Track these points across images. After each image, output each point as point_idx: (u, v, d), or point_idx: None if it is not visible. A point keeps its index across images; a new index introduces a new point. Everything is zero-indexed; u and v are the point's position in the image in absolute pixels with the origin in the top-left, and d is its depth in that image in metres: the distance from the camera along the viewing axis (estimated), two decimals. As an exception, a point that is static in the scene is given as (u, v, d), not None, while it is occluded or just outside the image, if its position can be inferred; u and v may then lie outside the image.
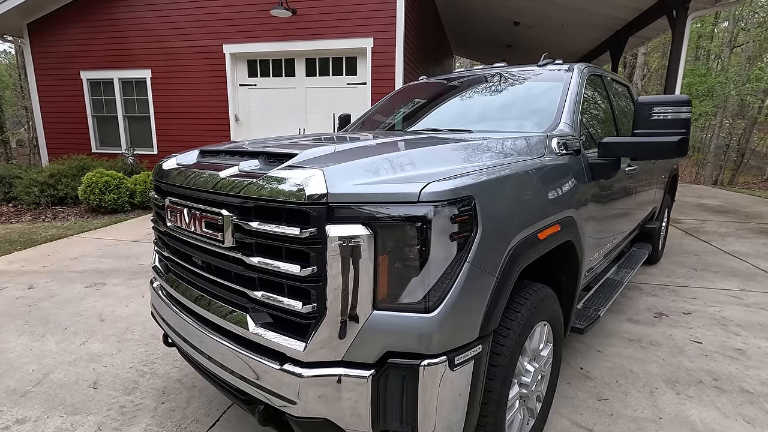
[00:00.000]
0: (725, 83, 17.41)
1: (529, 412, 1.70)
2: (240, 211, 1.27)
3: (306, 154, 1.30)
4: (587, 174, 1.94)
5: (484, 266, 1.20)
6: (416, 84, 3.17)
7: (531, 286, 1.59)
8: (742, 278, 3.91)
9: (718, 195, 9.16)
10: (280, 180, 1.18)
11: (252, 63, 7.88)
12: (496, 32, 11.41)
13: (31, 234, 5.44)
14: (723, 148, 20.05)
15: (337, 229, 1.10)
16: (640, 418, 2.00)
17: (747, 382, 2.29)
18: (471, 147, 1.52)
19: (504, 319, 1.41)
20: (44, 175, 6.95)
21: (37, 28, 8.59)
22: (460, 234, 1.15)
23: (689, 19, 6.35)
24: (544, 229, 1.48)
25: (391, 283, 1.13)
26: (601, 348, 2.65)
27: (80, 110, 8.75)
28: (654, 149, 1.89)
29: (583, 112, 2.29)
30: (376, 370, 1.15)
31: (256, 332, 1.26)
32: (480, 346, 1.22)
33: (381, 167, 1.24)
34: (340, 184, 1.13)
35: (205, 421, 1.96)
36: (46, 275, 3.92)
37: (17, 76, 22.46)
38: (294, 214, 1.15)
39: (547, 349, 1.75)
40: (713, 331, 2.88)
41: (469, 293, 1.17)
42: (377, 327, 1.14)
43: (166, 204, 1.58)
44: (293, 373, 1.17)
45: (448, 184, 1.14)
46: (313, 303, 1.15)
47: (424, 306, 1.12)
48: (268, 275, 1.24)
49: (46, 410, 2.03)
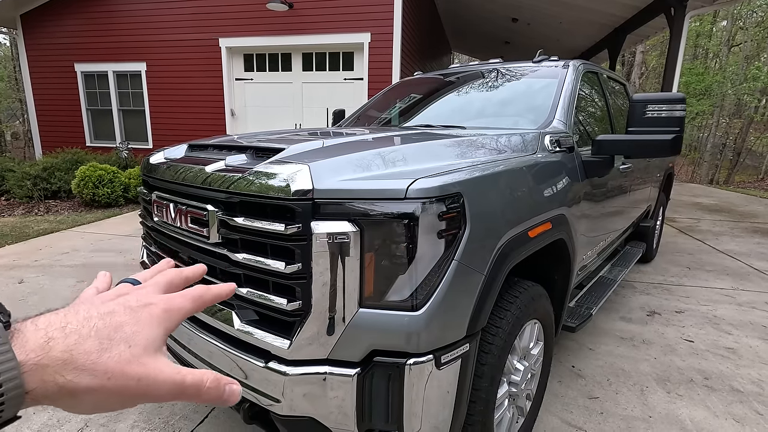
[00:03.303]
0: (722, 82, 17.43)
1: (519, 410, 1.69)
2: (225, 207, 1.25)
3: (293, 149, 1.28)
4: (581, 172, 1.93)
5: (472, 264, 1.19)
6: (411, 80, 3.15)
7: (521, 284, 1.57)
8: (736, 277, 3.91)
9: (713, 194, 9.18)
10: (265, 175, 1.16)
11: (248, 57, 7.82)
12: (494, 29, 11.36)
13: (23, 228, 5.39)
14: (719, 147, 20.11)
15: (322, 225, 1.08)
16: (631, 416, 2.00)
17: (737, 381, 2.29)
18: (461, 143, 1.50)
19: (493, 317, 1.40)
20: (37, 169, 6.89)
21: (31, 19, 8.48)
22: (448, 231, 1.13)
23: (687, 18, 6.33)
24: (535, 227, 1.46)
25: (377, 280, 1.11)
26: (593, 346, 2.65)
27: (74, 103, 8.67)
28: (648, 147, 1.87)
29: (578, 110, 2.27)
30: (362, 369, 1.13)
31: (241, 329, 1.25)
32: (467, 344, 1.21)
33: (369, 163, 1.22)
34: (326, 179, 1.11)
35: (193, 418, 1.95)
36: (37, 269, 3.88)
37: (12, 68, 22.25)
38: (279, 209, 1.13)
39: (537, 348, 1.74)
40: (705, 329, 2.88)
41: (457, 291, 1.16)
42: (363, 325, 1.12)
43: (153, 199, 1.56)
44: (278, 371, 1.15)
45: (436, 181, 1.12)
46: (299, 300, 1.14)
47: (411, 304, 1.11)
48: (253, 272, 1.22)
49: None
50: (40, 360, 0.33)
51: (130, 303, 0.39)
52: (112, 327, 0.36)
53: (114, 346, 0.35)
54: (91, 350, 0.34)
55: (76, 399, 0.34)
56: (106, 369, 0.34)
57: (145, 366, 0.36)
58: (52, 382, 0.33)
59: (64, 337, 0.34)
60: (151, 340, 0.38)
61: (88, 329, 0.35)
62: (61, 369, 0.33)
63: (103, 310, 0.37)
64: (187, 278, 0.49)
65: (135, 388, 0.35)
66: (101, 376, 0.34)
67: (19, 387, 0.31)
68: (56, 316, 0.36)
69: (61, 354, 0.33)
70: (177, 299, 0.42)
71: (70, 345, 0.34)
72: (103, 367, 0.34)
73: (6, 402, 0.31)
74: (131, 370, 0.35)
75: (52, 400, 0.34)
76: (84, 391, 0.34)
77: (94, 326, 0.36)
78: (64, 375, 0.33)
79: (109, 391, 0.35)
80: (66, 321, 0.35)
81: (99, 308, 0.38)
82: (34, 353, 0.33)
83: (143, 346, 0.37)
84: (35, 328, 0.34)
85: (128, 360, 0.35)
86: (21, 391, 0.32)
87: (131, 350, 0.36)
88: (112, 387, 0.35)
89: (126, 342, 0.36)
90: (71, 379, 0.33)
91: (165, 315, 0.40)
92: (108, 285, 0.46)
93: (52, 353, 0.33)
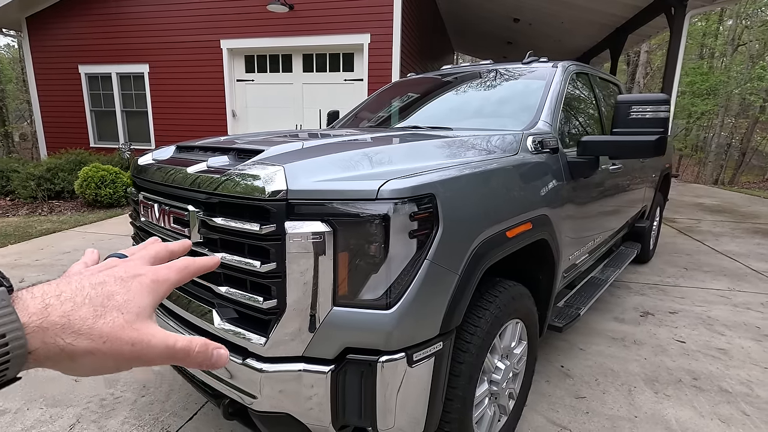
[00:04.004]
0: (727, 82, 17.29)
1: (501, 409, 1.71)
2: (206, 207, 1.28)
3: (272, 150, 1.31)
4: (565, 172, 1.94)
5: (445, 264, 1.21)
6: (404, 81, 3.17)
7: (502, 284, 1.59)
8: (733, 278, 3.90)
9: (716, 194, 9.12)
10: (242, 176, 1.18)
11: (249, 58, 7.88)
12: (495, 29, 11.36)
13: (26, 228, 5.47)
14: (724, 148, 19.94)
15: (296, 225, 1.11)
16: (616, 416, 2.00)
17: (726, 381, 2.29)
18: (440, 145, 1.52)
19: (471, 316, 1.42)
20: (41, 169, 6.97)
21: (36, 21, 8.60)
22: (420, 231, 1.15)
23: (687, 17, 6.31)
24: (514, 228, 1.48)
25: (350, 279, 1.13)
26: (584, 346, 2.66)
27: (78, 105, 8.77)
28: (632, 148, 1.88)
29: (566, 111, 2.28)
30: (336, 366, 1.15)
31: (220, 327, 1.27)
32: (441, 343, 1.23)
33: (345, 164, 1.24)
34: (300, 180, 1.14)
35: (182, 415, 1.98)
36: (37, 269, 3.94)
37: (20, 70, 22.50)
38: (255, 210, 1.16)
39: (520, 347, 1.76)
40: (698, 330, 2.88)
41: (429, 291, 1.18)
42: (337, 323, 1.14)
43: (140, 199, 1.59)
44: (254, 367, 1.18)
45: (409, 182, 1.14)
46: (274, 299, 1.16)
47: (383, 303, 1.13)
48: (232, 271, 1.24)
49: (27, 402, 2.05)
50: (41, 323, 0.35)
51: (120, 274, 0.41)
52: (104, 295, 0.38)
53: (107, 312, 0.37)
54: (87, 316, 0.36)
55: (75, 362, 0.36)
56: (101, 333, 0.36)
57: (138, 331, 0.38)
58: (53, 344, 0.35)
59: (60, 303, 0.36)
60: (143, 308, 0.40)
61: (82, 297, 0.37)
62: (60, 332, 0.35)
63: (95, 281, 0.39)
64: (172, 252, 0.50)
65: (129, 351, 0.38)
66: (97, 340, 0.36)
67: (23, 347, 0.33)
68: (50, 286, 0.38)
69: (59, 319, 0.35)
70: (163, 270, 0.44)
71: (67, 311, 0.36)
72: (98, 332, 0.36)
73: (11, 360, 0.33)
74: (125, 334, 0.37)
75: (54, 362, 0.36)
76: (82, 353, 0.36)
77: (87, 295, 0.38)
78: (63, 338, 0.35)
79: (105, 355, 0.37)
80: (60, 290, 0.37)
81: (90, 279, 0.40)
82: (36, 316, 0.35)
83: (135, 313, 0.39)
84: (32, 296, 0.36)
85: (122, 326, 0.37)
86: (24, 351, 0.34)
87: (124, 317, 0.38)
88: (107, 350, 0.37)
89: (118, 309, 0.38)
90: (70, 342, 0.35)
91: (153, 285, 0.42)
92: (96, 260, 0.48)
93: (51, 318, 0.35)
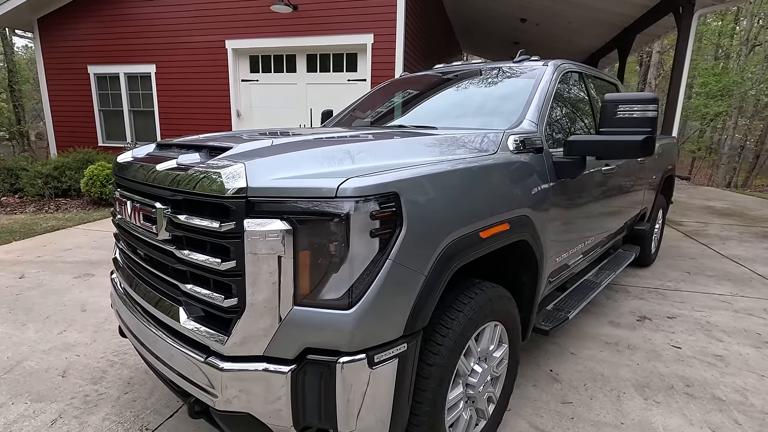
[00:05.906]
0: (741, 83, 16.93)
1: (479, 413, 1.67)
2: (172, 204, 1.28)
3: (240, 147, 1.30)
4: (550, 173, 1.90)
5: (409, 264, 1.18)
6: (397, 80, 3.15)
7: (480, 285, 1.56)
8: (737, 283, 3.80)
9: (727, 197, 8.92)
10: (205, 173, 1.17)
11: (254, 58, 7.92)
12: (501, 29, 11.27)
13: (32, 225, 5.56)
14: (738, 150, 19.52)
15: (255, 223, 1.10)
16: (602, 422, 1.96)
17: (720, 389, 2.22)
18: (414, 143, 1.49)
19: (442, 317, 1.40)
20: (49, 168, 7.09)
21: (47, 23, 8.75)
22: (382, 231, 1.13)
23: (695, 16, 6.18)
24: (488, 228, 1.45)
25: (310, 279, 1.11)
26: (575, 350, 2.60)
27: (87, 104, 8.90)
28: (619, 148, 1.84)
29: (557, 110, 2.24)
30: (296, 367, 1.14)
31: (185, 325, 1.27)
32: (405, 344, 1.20)
33: (309, 161, 1.22)
34: (261, 177, 1.12)
35: (163, 412, 1.98)
36: (38, 265, 4.00)
37: (36, 70, 22.95)
38: (216, 207, 1.15)
39: (500, 350, 1.72)
40: (695, 336, 2.81)
41: (392, 291, 1.15)
42: (297, 322, 1.13)
43: (116, 197, 1.59)
44: (215, 366, 1.17)
45: (370, 180, 1.12)
46: (234, 297, 1.15)
47: (343, 303, 1.11)
48: (195, 269, 1.24)
49: (12, 397, 2.07)
50: None
51: None
52: None
53: None
54: None
55: None
56: None
57: None
58: None
59: None
60: None
61: None
62: None
63: None
64: None
65: None
66: None
67: None
68: None
69: None
70: None
71: None
72: None
73: None
74: None
75: None
76: None
77: None
78: None
79: None
80: None
81: None
82: None
83: None
84: None
85: None
86: None
87: None
88: None
89: None
90: None
91: None
92: None
93: None
